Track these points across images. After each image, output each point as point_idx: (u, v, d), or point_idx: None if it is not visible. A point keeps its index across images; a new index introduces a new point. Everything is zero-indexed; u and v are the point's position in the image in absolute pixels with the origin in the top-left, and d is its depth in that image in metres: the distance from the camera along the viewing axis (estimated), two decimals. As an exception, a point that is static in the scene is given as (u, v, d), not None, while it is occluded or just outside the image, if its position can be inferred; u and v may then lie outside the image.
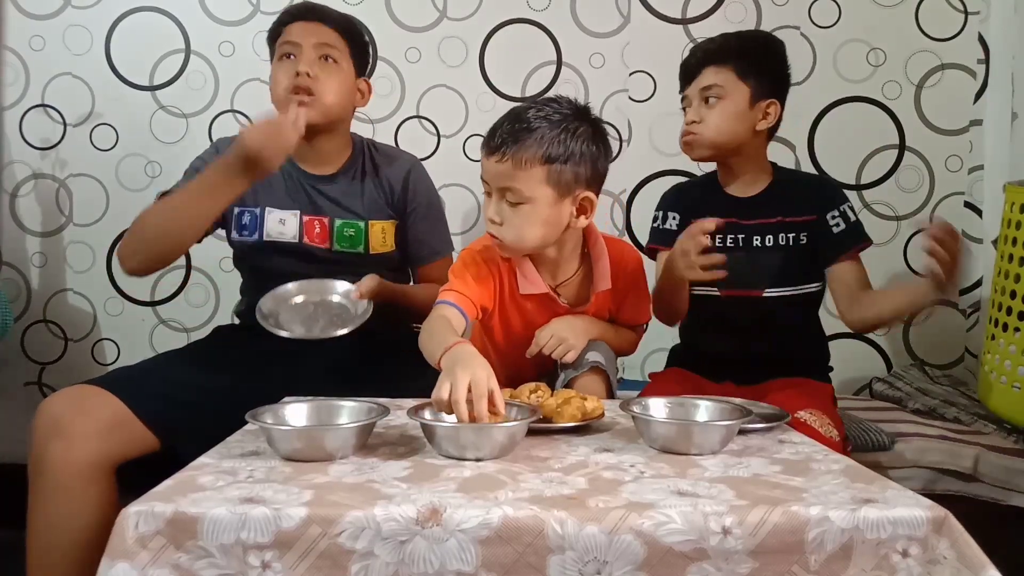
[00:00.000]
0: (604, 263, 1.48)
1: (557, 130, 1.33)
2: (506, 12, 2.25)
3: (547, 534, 0.81)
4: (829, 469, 0.98)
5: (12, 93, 2.27)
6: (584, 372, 1.41)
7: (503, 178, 1.33)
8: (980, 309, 2.25)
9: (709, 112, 1.58)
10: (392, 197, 1.67)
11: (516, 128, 1.33)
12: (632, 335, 1.60)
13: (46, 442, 1.23)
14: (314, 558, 0.80)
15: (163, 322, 2.30)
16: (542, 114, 1.34)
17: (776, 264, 1.60)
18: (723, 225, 1.49)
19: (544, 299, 1.47)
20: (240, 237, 1.63)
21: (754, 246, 1.62)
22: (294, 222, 1.61)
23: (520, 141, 1.32)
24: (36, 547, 1.21)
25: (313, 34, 1.56)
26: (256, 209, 1.61)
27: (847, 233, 1.58)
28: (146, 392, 1.33)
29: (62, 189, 2.28)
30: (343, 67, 1.60)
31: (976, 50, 2.24)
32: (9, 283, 2.28)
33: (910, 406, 1.95)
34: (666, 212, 1.73)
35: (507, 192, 1.34)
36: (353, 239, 1.63)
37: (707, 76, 1.58)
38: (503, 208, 1.35)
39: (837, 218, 1.59)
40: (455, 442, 1.00)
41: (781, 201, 1.62)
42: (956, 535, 0.84)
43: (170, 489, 0.87)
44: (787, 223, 1.61)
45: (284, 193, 1.62)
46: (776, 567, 0.82)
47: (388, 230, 1.66)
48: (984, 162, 2.24)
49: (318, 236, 1.61)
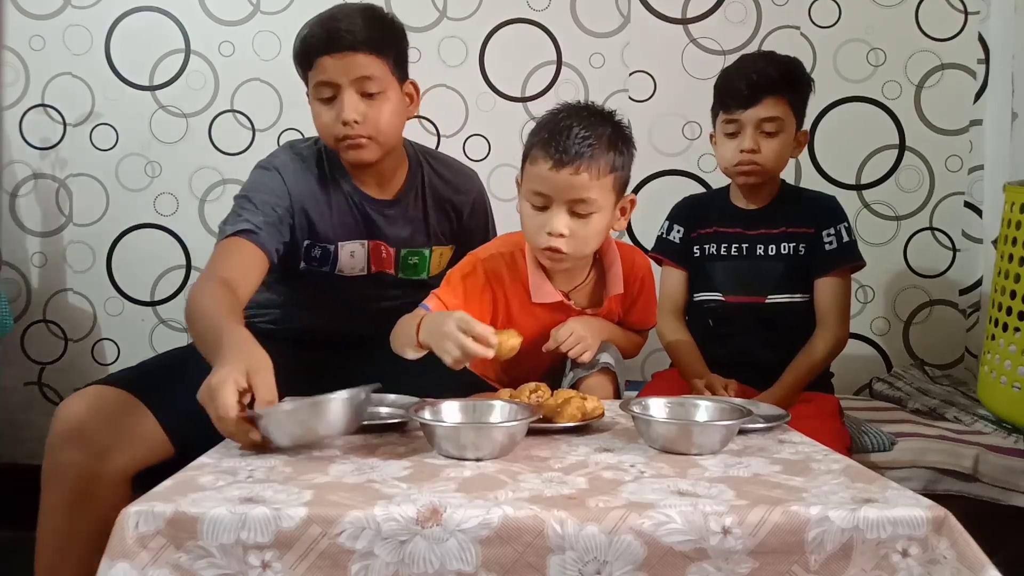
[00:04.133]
0: (617, 268, 1.48)
1: (617, 140, 1.35)
2: (506, 12, 2.25)
3: (547, 534, 0.80)
4: (829, 469, 0.98)
5: (12, 93, 2.27)
6: (594, 373, 1.42)
7: (577, 190, 1.32)
8: (980, 309, 2.25)
9: (768, 143, 1.61)
10: (457, 224, 1.65)
11: (586, 138, 1.31)
12: (639, 338, 1.62)
13: (65, 449, 1.18)
14: (314, 558, 0.80)
15: (163, 322, 2.30)
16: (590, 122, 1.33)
17: (779, 272, 1.66)
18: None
19: (557, 305, 1.47)
20: (311, 267, 1.55)
21: (758, 254, 1.67)
22: (362, 252, 1.56)
23: (594, 151, 1.31)
24: (45, 552, 1.19)
25: (349, 70, 1.41)
26: (330, 245, 1.53)
27: (838, 252, 1.64)
28: (169, 400, 1.27)
29: (62, 189, 2.28)
30: (388, 94, 1.46)
31: (976, 50, 2.24)
32: (9, 283, 2.28)
33: (910, 406, 1.95)
34: (672, 223, 1.77)
35: (579, 204, 1.33)
36: (417, 267, 1.62)
37: (767, 107, 1.60)
38: (571, 221, 1.34)
39: (832, 236, 1.65)
40: (455, 442, 1.00)
41: (785, 213, 1.68)
42: (956, 535, 0.83)
43: (170, 489, 0.87)
44: (789, 233, 1.66)
45: (353, 223, 1.54)
46: (776, 567, 0.82)
47: (446, 254, 1.66)
48: (984, 162, 2.24)
49: (385, 262, 1.59)
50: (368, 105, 1.43)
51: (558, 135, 1.32)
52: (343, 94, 1.42)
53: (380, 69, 1.44)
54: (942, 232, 2.27)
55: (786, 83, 1.61)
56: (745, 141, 1.61)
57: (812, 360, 1.62)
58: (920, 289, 2.28)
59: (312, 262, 1.54)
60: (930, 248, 2.27)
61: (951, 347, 2.28)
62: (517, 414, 1.08)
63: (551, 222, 1.34)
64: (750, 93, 1.60)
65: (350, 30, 1.40)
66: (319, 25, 1.43)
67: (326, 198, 1.52)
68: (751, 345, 1.66)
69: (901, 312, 2.29)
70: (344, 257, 1.55)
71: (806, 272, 1.66)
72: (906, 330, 2.29)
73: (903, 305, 2.28)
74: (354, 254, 1.56)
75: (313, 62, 1.43)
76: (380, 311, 1.51)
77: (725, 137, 1.65)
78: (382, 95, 1.44)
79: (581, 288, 1.49)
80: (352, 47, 1.40)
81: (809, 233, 1.65)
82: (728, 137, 1.64)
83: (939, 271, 2.28)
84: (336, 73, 1.41)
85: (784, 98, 1.60)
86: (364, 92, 1.43)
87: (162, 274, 2.29)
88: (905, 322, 2.29)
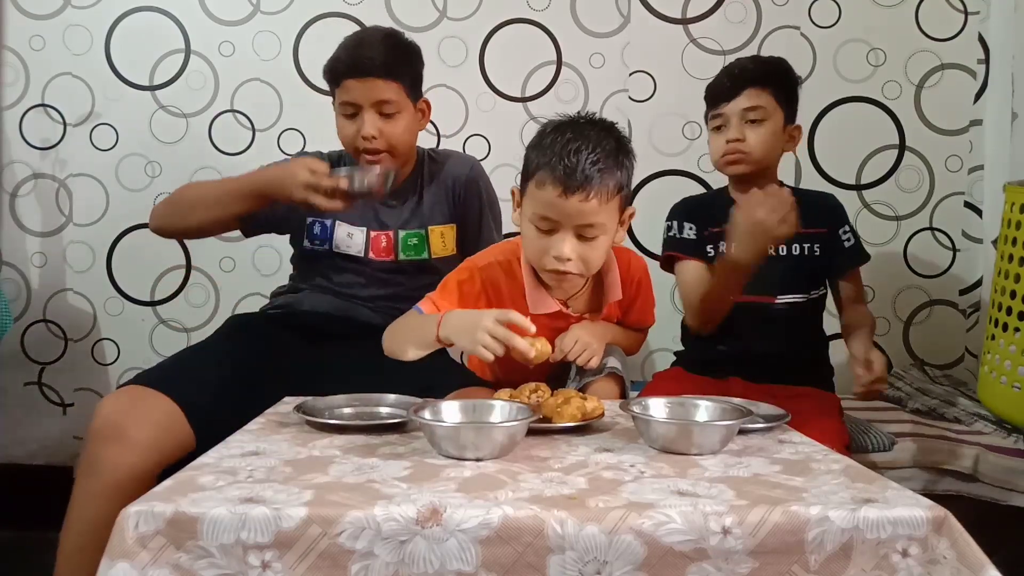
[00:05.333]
0: (614, 274, 1.48)
1: (620, 156, 1.33)
2: (506, 12, 2.25)
3: (547, 534, 0.81)
4: (829, 469, 0.98)
5: (12, 93, 2.27)
6: (600, 378, 1.42)
7: (586, 216, 1.30)
8: (980, 309, 2.25)
9: (752, 131, 1.64)
10: (454, 197, 1.72)
11: (594, 162, 1.29)
12: (640, 336, 1.62)
13: (103, 444, 1.25)
14: (314, 558, 0.80)
15: (163, 322, 2.30)
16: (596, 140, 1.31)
17: (789, 272, 1.67)
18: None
19: (555, 315, 1.47)
20: (312, 245, 1.70)
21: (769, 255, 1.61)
22: (361, 237, 1.69)
23: (603, 175, 1.29)
24: (70, 546, 1.22)
25: (370, 93, 1.60)
26: (327, 220, 1.68)
27: (856, 249, 1.73)
28: (196, 396, 1.37)
29: (62, 189, 2.28)
30: (403, 113, 1.64)
31: (976, 50, 2.24)
32: (9, 283, 2.28)
33: (910, 406, 1.95)
34: (681, 223, 1.74)
35: (586, 228, 1.32)
36: (417, 247, 1.70)
37: (749, 97, 1.63)
38: (578, 244, 1.33)
39: (848, 233, 1.72)
40: (455, 442, 1.00)
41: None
42: (956, 535, 0.83)
43: (170, 489, 0.87)
44: (801, 234, 1.62)
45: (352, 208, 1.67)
46: (776, 567, 0.82)
47: (447, 234, 1.72)
48: (984, 162, 2.24)
49: (383, 250, 1.69)
50: (385, 122, 1.62)
51: (566, 158, 1.29)
52: (364, 113, 1.62)
53: (396, 92, 1.63)
54: (942, 232, 2.27)
55: (766, 75, 1.66)
56: (730, 132, 1.65)
57: (870, 321, 1.69)
58: (920, 289, 2.28)
59: (314, 240, 1.70)
60: (930, 248, 2.27)
61: (951, 347, 2.28)
62: (517, 414, 1.08)
63: (559, 247, 1.33)
64: (731, 85, 1.65)
65: (372, 57, 1.61)
66: (345, 50, 1.64)
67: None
68: (756, 340, 1.65)
69: (901, 312, 2.29)
70: (340, 235, 1.68)
71: (817, 270, 1.69)
72: (906, 330, 2.29)
73: (903, 305, 2.28)
74: (351, 235, 1.69)
75: (340, 82, 1.63)
76: (382, 300, 1.65)
77: (714, 132, 1.68)
78: (398, 114, 1.63)
79: (579, 296, 1.49)
80: (373, 72, 1.60)
81: (823, 233, 1.68)
82: (716, 132, 1.68)
83: (939, 271, 2.28)
84: (358, 95, 1.61)
85: (765, 88, 1.64)
86: (382, 112, 1.62)
87: (162, 274, 2.29)
88: (905, 322, 2.29)
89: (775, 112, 1.65)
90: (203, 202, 1.61)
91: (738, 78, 1.65)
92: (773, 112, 1.64)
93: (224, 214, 1.60)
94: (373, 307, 1.66)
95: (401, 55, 1.66)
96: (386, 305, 1.64)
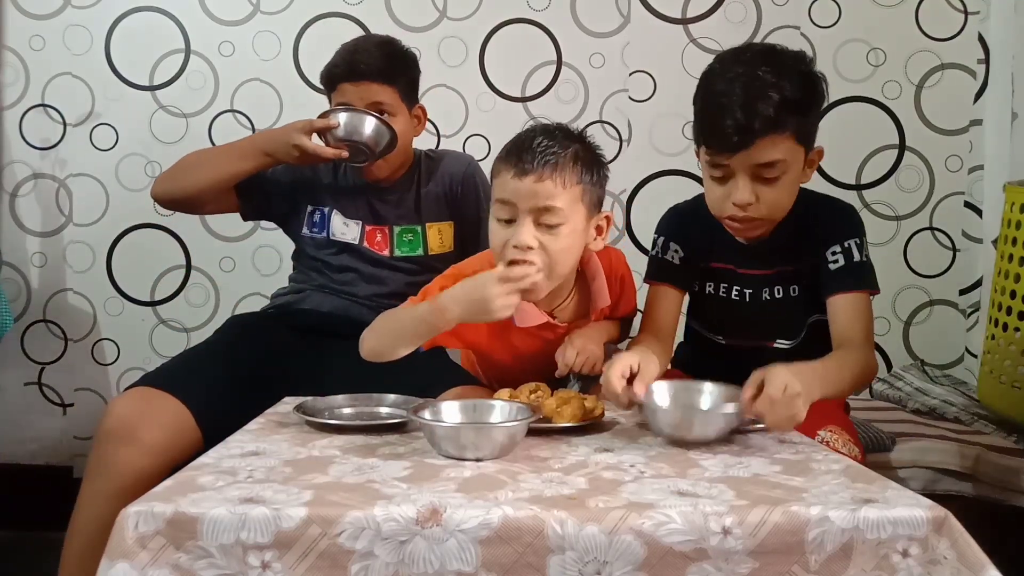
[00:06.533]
0: (601, 280, 1.44)
1: (583, 152, 1.32)
2: (506, 12, 2.25)
3: (547, 534, 0.81)
4: (829, 469, 0.98)
5: (12, 93, 2.27)
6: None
7: (542, 198, 1.26)
8: (980, 309, 2.25)
9: (767, 190, 1.29)
10: (451, 194, 1.73)
11: (549, 146, 1.28)
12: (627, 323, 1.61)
13: (114, 445, 1.26)
14: (314, 558, 0.80)
15: (163, 322, 2.30)
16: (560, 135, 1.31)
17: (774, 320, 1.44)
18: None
19: (543, 326, 1.43)
20: (311, 233, 1.74)
21: (764, 299, 1.44)
22: (356, 229, 1.72)
23: (558, 159, 1.27)
24: (76, 546, 1.23)
25: (364, 96, 1.64)
26: (325, 208, 1.72)
27: (845, 271, 1.35)
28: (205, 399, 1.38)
29: (62, 189, 2.28)
30: (398, 117, 1.67)
31: (976, 50, 2.24)
32: (9, 283, 2.28)
33: (910, 406, 1.95)
34: (667, 241, 1.50)
35: (544, 213, 1.27)
36: (412, 243, 1.72)
37: (763, 151, 1.25)
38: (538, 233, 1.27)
39: (839, 255, 1.36)
40: (455, 442, 1.00)
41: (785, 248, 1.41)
42: (956, 535, 0.83)
43: (170, 489, 0.87)
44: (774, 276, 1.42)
45: (349, 201, 1.73)
46: (776, 567, 0.82)
47: (445, 231, 1.73)
48: (984, 162, 2.24)
49: (379, 244, 1.72)
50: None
51: (520, 144, 1.30)
52: None
53: (391, 96, 1.66)
54: (942, 232, 2.27)
55: (788, 113, 1.24)
56: (737, 193, 1.29)
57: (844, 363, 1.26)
58: (920, 289, 2.28)
59: (313, 227, 1.73)
60: (930, 248, 2.27)
61: (951, 347, 2.28)
62: (517, 414, 1.08)
63: (517, 234, 1.27)
64: (739, 138, 1.25)
65: (367, 62, 1.64)
66: (342, 55, 1.67)
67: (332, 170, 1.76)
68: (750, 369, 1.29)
69: (901, 312, 2.29)
70: (337, 223, 1.71)
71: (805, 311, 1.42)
72: (906, 330, 2.29)
73: (903, 305, 2.28)
74: (347, 225, 1.72)
75: (336, 86, 1.67)
76: (381, 298, 1.66)
77: (712, 179, 1.34)
78: (392, 117, 1.65)
79: (565, 306, 1.45)
80: (367, 77, 1.64)
81: (800, 268, 1.41)
82: (715, 181, 1.33)
83: (939, 271, 2.28)
84: (353, 98, 1.64)
85: (787, 132, 1.25)
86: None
87: (162, 274, 2.29)
88: (905, 322, 2.29)
89: (795, 156, 1.29)
90: (204, 163, 1.66)
91: (746, 129, 1.24)
92: (794, 159, 1.28)
93: (224, 174, 1.64)
94: (372, 306, 1.66)
95: (396, 60, 1.69)
96: (386, 303, 1.63)
